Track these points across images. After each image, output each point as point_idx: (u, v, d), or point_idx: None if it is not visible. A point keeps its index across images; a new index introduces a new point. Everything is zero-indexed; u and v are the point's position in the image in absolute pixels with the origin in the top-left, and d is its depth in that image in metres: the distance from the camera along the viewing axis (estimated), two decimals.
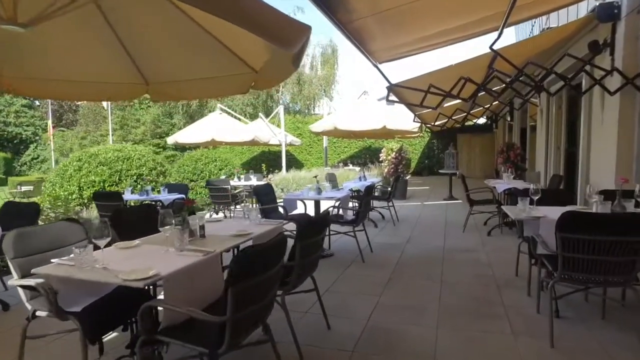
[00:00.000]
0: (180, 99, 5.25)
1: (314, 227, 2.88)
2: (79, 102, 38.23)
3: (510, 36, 20.74)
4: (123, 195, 5.66)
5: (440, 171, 11.11)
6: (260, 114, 17.06)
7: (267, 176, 15.13)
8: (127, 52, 4.09)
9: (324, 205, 5.20)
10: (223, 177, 8.51)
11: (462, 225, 6.85)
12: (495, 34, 4.18)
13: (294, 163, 22.16)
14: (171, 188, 6.52)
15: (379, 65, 5.38)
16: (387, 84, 6.36)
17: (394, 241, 6.12)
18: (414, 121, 10.40)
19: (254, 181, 8.36)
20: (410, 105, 7.32)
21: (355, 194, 7.19)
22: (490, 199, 6.58)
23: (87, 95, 5.87)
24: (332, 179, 7.88)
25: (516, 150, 10.14)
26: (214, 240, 2.78)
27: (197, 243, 2.68)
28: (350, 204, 6.38)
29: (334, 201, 4.93)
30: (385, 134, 14.74)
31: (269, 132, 16.37)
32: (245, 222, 3.35)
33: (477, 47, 4.99)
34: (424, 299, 3.72)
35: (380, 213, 7.88)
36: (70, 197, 7.22)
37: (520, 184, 6.06)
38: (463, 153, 17.71)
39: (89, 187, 7.66)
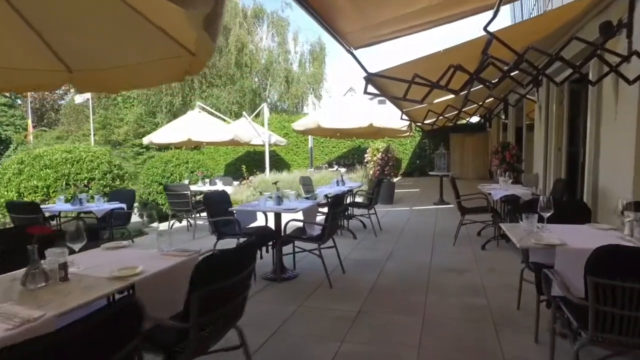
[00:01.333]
0: (109, 90, 4.43)
1: (228, 265, 1.97)
2: (61, 101, 37.15)
3: (505, 19, 19.97)
4: (46, 206, 4.74)
5: (431, 173, 10.27)
6: (244, 113, 16.13)
7: (247, 178, 14.23)
8: (40, 35, 3.21)
9: (288, 217, 4.31)
10: (187, 181, 7.59)
11: (452, 235, 6.00)
12: (489, 14, 3.39)
13: (280, 164, 21.24)
14: (115, 196, 5.60)
15: (354, 51, 4.48)
16: (365, 74, 5.51)
17: (372, 257, 5.23)
18: (401, 119, 9.55)
19: (219, 186, 7.45)
20: (393, 99, 6.45)
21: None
22: (485, 206, 5.72)
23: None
24: (306, 183, 6.98)
25: (512, 150, 9.33)
26: (79, 284, 1.88)
27: (49, 290, 1.79)
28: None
29: (295, 213, 4.03)
30: (373, 133, 13.87)
31: (252, 131, 15.47)
32: (152, 250, 2.45)
33: (468, 32, 4.17)
34: (399, 347, 2.84)
35: (361, 221, 7.00)
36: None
37: (519, 190, 5.20)
38: (455, 153, 16.91)
39: (30, 194, 6.71)
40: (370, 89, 5.76)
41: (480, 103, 9.11)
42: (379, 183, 6.49)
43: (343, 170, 13.75)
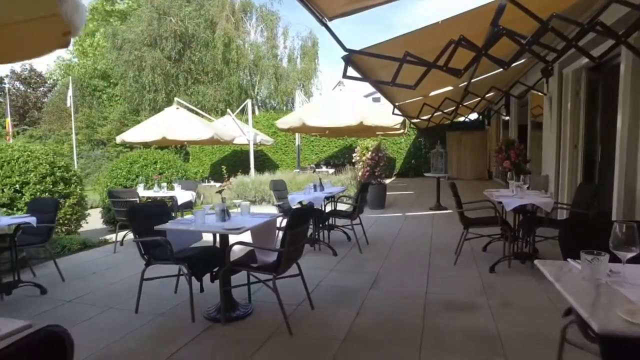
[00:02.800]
0: None
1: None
2: (44, 99, 35.78)
3: None
4: None
5: (427, 174, 9.21)
6: (228, 110, 15.01)
7: (228, 179, 13.12)
8: None
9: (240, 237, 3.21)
10: (141, 186, 6.45)
11: (452, 250, 4.96)
12: None
13: (267, 164, 20.13)
14: (35, 205, 4.49)
15: (329, 23, 3.40)
16: (344, 53, 4.45)
17: (352, 283, 4.15)
18: (393, 113, 8.49)
19: (177, 191, 6.34)
20: (379, 85, 5.37)
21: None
22: (492, 217, 4.65)
23: None
24: (278, 188, 5.88)
25: (518, 148, 8.29)
26: None
27: None
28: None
29: (238, 234, 2.93)
30: (364, 130, 12.80)
31: (236, 129, 14.38)
32: None
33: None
34: None
35: (344, 232, 5.92)
36: None
37: (538, 198, 4.13)
38: (453, 152, 15.88)
39: None
40: (352, 72, 4.67)
41: (482, 96, 8.06)
42: (364, 188, 5.40)
43: (331, 171, 12.67)
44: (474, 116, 15.67)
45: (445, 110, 8.81)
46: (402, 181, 16.41)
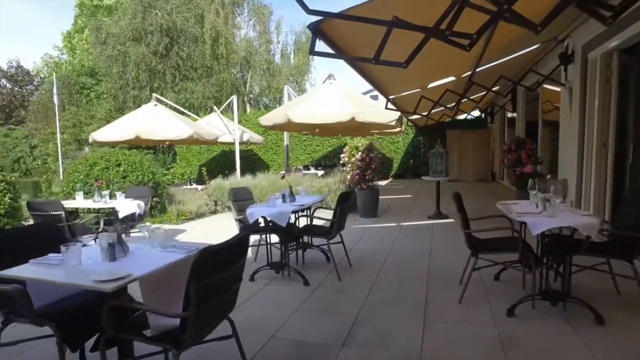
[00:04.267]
0: None
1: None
2: (31, 97, 34.59)
3: None
4: None
5: (425, 178, 8.08)
6: (215, 107, 13.88)
7: (208, 182, 11.97)
8: None
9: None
10: (80, 194, 5.27)
11: (455, 277, 3.86)
12: None
13: (257, 165, 18.99)
14: None
15: None
16: (311, 22, 3.42)
17: (318, 336, 3.01)
18: (386, 108, 7.38)
19: (119, 201, 5.20)
20: (359, 66, 4.26)
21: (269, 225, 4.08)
22: (508, 238, 3.52)
23: None
24: (240, 198, 4.73)
25: (530, 148, 7.17)
26: None
27: None
28: None
29: (114, 289, 1.82)
30: (358, 128, 11.65)
31: (222, 127, 13.26)
32: None
33: None
34: None
35: (323, 252, 4.79)
36: None
37: (577, 218, 2.98)
38: (453, 152, 14.75)
39: None
40: (323, 47, 3.57)
41: (489, 87, 6.93)
42: (345, 199, 4.25)
43: (320, 173, 11.53)
44: (475, 114, 14.52)
45: (447, 106, 7.70)
46: (399, 183, 15.29)
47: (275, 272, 4.24)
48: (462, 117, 14.33)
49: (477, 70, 5.85)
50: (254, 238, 4.53)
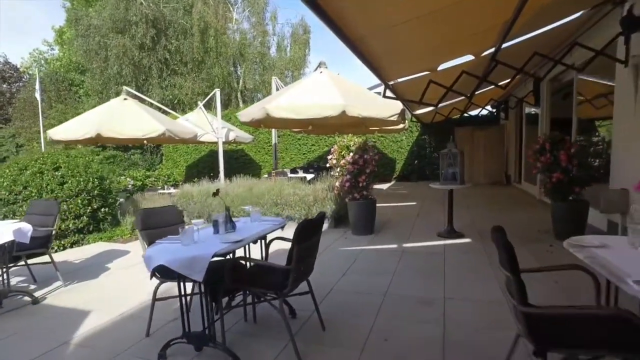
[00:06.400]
0: None
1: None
2: (19, 95, 33.24)
3: None
4: None
5: (433, 186, 6.43)
6: (200, 103, 12.30)
7: (181, 187, 10.40)
8: None
9: None
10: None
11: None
12: None
13: (249, 166, 17.39)
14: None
15: None
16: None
17: None
18: (384, 96, 5.76)
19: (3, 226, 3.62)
20: (350, 38, 2.60)
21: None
22: (611, 320, 1.91)
23: None
24: (156, 224, 3.12)
25: (571, 148, 5.53)
26: None
27: None
28: None
29: None
30: (355, 125, 10.04)
31: (206, 125, 11.67)
32: None
33: None
34: None
35: (289, 306, 3.19)
36: None
37: None
38: (464, 152, 13.06)
39: None
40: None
41: (520, 69, 5.25)
42: (304, 234, 2.56)
43: (310, 176, 9.90)
44: (486, 109, 12.80)
45: (461, 94, 6.04)
46: (403, 186, 13.64)
47: (195, 349, 2.63)
48: (474, 112, 12.69)
49: (504, 46, 4.26)
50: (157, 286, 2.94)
